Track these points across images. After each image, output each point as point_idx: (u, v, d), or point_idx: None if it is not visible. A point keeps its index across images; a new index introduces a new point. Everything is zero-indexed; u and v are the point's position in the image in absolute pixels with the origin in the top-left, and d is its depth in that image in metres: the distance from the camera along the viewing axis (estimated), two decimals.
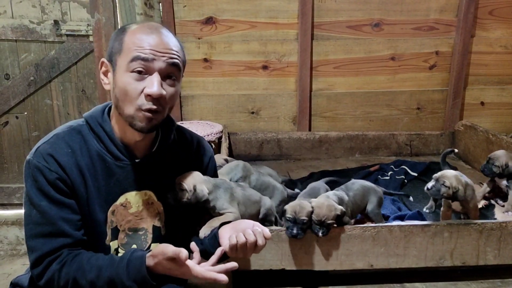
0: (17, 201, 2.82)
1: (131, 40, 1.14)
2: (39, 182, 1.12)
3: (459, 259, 1.67)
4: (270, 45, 2.89)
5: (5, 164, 2.82)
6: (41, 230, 1.13)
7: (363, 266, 1.65)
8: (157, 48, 1.13)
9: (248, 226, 1.20)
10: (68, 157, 1.15)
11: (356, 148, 3.00)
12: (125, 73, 1.13)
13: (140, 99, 1.13)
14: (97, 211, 1.20)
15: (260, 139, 2.95)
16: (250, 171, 1.94)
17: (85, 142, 1.19)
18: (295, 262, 1.62)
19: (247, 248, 1.17)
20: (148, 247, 1.29)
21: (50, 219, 1.12)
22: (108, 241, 1.24)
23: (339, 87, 2.98)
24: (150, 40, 1.13)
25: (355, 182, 1.84)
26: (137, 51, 1.12)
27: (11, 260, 2.59)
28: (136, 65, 1.12)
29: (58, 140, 1.17)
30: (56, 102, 2.79)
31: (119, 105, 1.16)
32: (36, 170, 1.12)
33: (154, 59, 1.12)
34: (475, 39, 2.95)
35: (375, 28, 2.91)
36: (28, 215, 1.14)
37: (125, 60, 1.13)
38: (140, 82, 1.13)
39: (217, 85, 2.92)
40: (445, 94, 3.02)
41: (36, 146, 1.16)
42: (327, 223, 1.54)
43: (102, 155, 1.20)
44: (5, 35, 2.65)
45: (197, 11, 2.81)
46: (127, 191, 1.24)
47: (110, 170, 1.21)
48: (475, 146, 2.77)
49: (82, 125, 1.22)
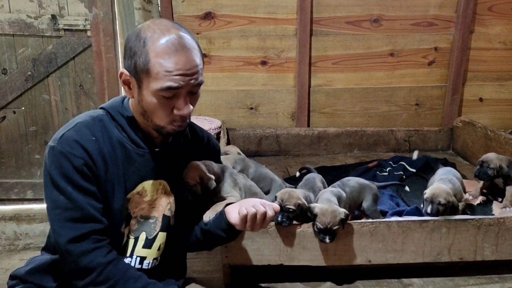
0: (15, 196, 2.82)
1: (158, 61, 1.12)
2: (64, 168, 1.12)
3: (457, 254, 1.67)
4: (269, 40, 2.88)
5: (2, 159, 2.81)
6: (70, 215, 1.13)
7: (361, 261, 1.65)
8: (185, 70, 1.14)
9: (256, 202, 1.24)
10: (93, 144, 1.17)
11: (354, 144, 3.00)
12: (153, 95, 1.15)
13: (171, 116, 1.18)
14: (116, 199, 1.22)
15: (258, 135, 2.95)
16: (248, 163, 1.94)
17: (106, 130, 1.21)
18: (293, 257, 1.62)
19: (257, 219, 1.21)
20: (155, 235, 1.32)
21: (79, 204, 1.13)
22: (123, 228, 1.26)
23: (338, 83, 2.98)
24: (177, 62, 1.13)
25: (351, 179, 1.84)
26: (167, 79, 1.12)
27: (9, 256, 2.58)
28: (167, 94, 1.14)
29: (82, 128, 1.18)
30: (53, 97, 2.78)
31: (148, 116, 1.20)
32: (61, 156, 1.13)
33: (183, 86, 1.15)
34: (474, 35, 2.94)
35: (374, 24, 2.90)
36: (55, 200, 1.13)
37: (154, 85, 1.14)
38: (169, 103, 1.17)
39: (215, 81, 2.91)
40: (444, 90, 3.02)
41: (60, 133, 1.16)
42: (333, 230, 1.53)
43: (123, 143, 1.22)
44: (2, 30, 2.63)
45: (196, 6, 2.79)
46: (145, 180, 1.27)
47: (131, 158, 1.23)
48: (474, 142, 2.77)
49: (103, 114, 1.24)
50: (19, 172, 2.83)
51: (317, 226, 1.54)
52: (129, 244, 1.29)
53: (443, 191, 1.71)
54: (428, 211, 1.69)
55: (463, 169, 2.60)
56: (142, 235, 1.29)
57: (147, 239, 1.30)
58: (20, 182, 2.82)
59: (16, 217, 2.69)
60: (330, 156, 2.97)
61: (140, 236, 1.29)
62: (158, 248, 1.33)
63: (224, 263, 1.62)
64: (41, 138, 2.82)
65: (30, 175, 2.84)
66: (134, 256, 1.29)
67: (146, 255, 1.31)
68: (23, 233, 2.69)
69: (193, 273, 1.77)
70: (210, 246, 1.43)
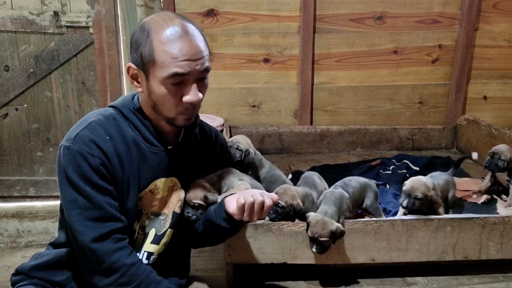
0: (17, 193, 2.82)
1: (163, 49, 1.13)
2: (82, 168, 1.12)
3: (461, 253, 1.66)
4: (272, 38, 2.86)
5: (4, 157, 2.80)
6: (91, 215, 1.13)
7: (364, 260, 1.64)
8: (190, 55, 1.14)
9: (255, 191, 1.25)
10: (108, 143, 1.17)
11: (357, 142, 2.99)
12: (161, 84, 1.15)
13: (180, 105, 1.18)
14: (130, 198, 1.22)
15: (261, 133, 2.93)
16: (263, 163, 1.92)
17: (120, 129, 1.21)
18: (296, 256, 1.61)
19: (255, 209, 1.21)
20: (164, 231, 1.32)
21: (98, 203, 1.13)
22: (135, 225, 1.26)
23: (341, 81, 2.96)
24: (182, 48, 1.13)
25: (352, 179, 1.82)
26: (173, 65, 1.12)
27: (11, 253, 2.59)
28: (174, 81, 1.14)
29: (96, 127, 1.17)
30: (56, 94, 2.77)
31: (158, 108, 1.20)
32: (78, 156, 1.12)
33: (190, 71, 1.14)
34: (478, 33, 2.92)
35: (378, 21, 2.88)
36: (74, 200, 1.13)
37: (160, 73, 1.14)
38: (178, 91, 1.16)
39: (218, 78, 2.90)
40: (448, 88, 3.00)
41: (74, 133, 1.15)
42: (319, 241, 1.51)
43: (137, 141, 1.22)
44: (4, 27, 2.63)
45: (198, 3, 2.78)
46: (158, 178, 1.27)
47: (144, 156, 1.23)
48: (478, 141, 2.75)
49: (114, 113, 1.24)
50: (21, 169, 2.83)
51: (308, 234, 1.53)
52: (139, 240, 1.29)
53: (422, 185, 1.66)
54: (404, 204, 1.66)
55: (467, 168, 2.59)
56: (151, 231, 1.30)
57: (156, 235, 1.31)
58: (22, 180, 2.82)
59: (18, 215, 2.70)
60: (333, 154, 2.95)
61: (150, 232, 1.30)
62: (164, 244, 1.33)
63: (227, 261, 1.61)
64: (43, 136, 2.81)
65: (32, 173, 2.84)
66: (142, 251, 1.30)
67: (154, 251, 1.32)
68: (25, 230, 2.69)
69: (196, 271, 1.76)
70: (214, 239, 1.42)
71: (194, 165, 1.39)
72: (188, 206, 1.35)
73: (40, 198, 2.84)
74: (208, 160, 1.49)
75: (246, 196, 1.22)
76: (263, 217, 1.27)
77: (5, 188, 2.81)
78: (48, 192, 2.82)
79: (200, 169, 1.45)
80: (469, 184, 2.28)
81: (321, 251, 1.52)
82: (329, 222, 1.52)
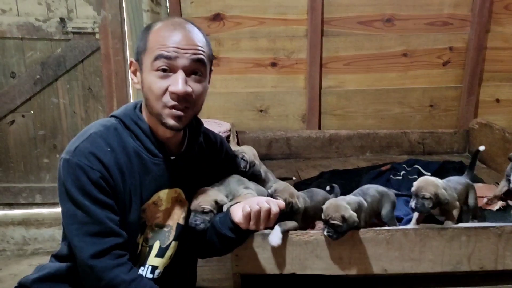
0: (23, 200, 2.81)
1: (155, 38, 1.13)
2: (81, 182, 1.09)
3: (477, 263, 1.60)
4: (279, 41, 2.83)
5: (11, 164, 2.79)
6: (89, 229, 1.10)
7: (376, 270, 1.59)
8: (181, 44, 1.12)
9: (261, 199, 1.21)
10: (109, 156, 1.13)
11: (367, 147, 2.94)
12: (150, 72, 1.13)
13: (165, 96, 1.14)
14: (132, 210, 1.19)
15: (268, 138, 2.90)
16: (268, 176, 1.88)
17: (121, 140, 1.18)
18: (306, 266, 1.57)
19: (261, 217, 1.17)
20: (168, 244, 1.29)
21: (97, 218, 1.10)
22: (139, 238, 1.22)
23: (350, 84, 2.92)
24: (173, 37, 1.12)
25: (370, 187, 1.77)
26: (160, 49, 1.11)
27: (18, 261, 2.57)
28: (160, 64, 1.12)
29: (97, 139, 1.15)
30: (62, 100, 2.76)
31: (148, 103, 1.17)
32: (78, 169, 1.09)
33: (177, 56, 1.12)
34: (490, 35, 2.86)
35: (387, 24, 2.84)
36: (73, 214, 1.10)
37: (149, 59, 1.13)
38: (165, 80, 1.13)
39: (224, 83, 2.87)
40: (459, 91, 2.94)
41: (74, 145, 1.12)
42: (331, 223, 1.47)
43: (139, 152, 1.19)
44: (10, 33, 2.62)
45: (205, 7, 2.76)
46: (161, 189, 1.24)
47: (147, 168, 1.20)
48: (491, 145, 2.68)
49: (116, 123, 1.21)
50: (27, 176, 2.82)
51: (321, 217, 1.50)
52: (143, 253, 1.25)
53: (430, 184, 1.58)
54: (412, 206, 1.58)
55: (481, 173, 2.53)
56: (156, 244, 1.27)
57: (160, 248, 1.27)
58: (29, 187, 2.80)
59: (24, 222, 2.69)
60: (342, 159, 2.91)
61: (154, 245, 1.26)
62: (169, 257, 1.29)
63: (234, 271, 1.57)
64: (49, 142, 2.80)
65: (39, 179, 2.83)
66: (147, 265, 1.26)
67: (158, 264, 1.28)
68: (32, 238, 2.68)
69: (202, 281, 1.73)
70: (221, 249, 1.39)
71: (198, 174, 1.35)
72: (195, 213, 1.30)
73: (46, 205, 2.82)
74: (213, 169, 1.45)
75: (251, 204, 1.19)
76: (270, 225, 1.23)
77: (12, 195, 2.80)
78: (54, 199, 2.80)
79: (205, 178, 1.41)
80: (484, 190, 2.22)
81: (332, 235, 1.47)
82: (343, 206, 1.49)
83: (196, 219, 1.29)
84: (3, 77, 2.68)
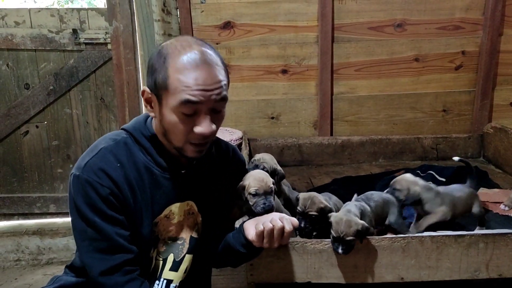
0: (38, 210, 2.83)
1: (177, 77, 1.08)
2: (91, 198, 1.09)
3: (496, 271, 1.57)
4: (290, 48, 2.83)
5: (25, 174, 2.82)
6: (99, 246, 1.10)
7: (392, 279, 1.57)
8: (206, 85, 1.08)
9: (274, 216, 1.19)
10: (119, 171, 1.13)
11: (379, 153, 2.91)
12: (173, 112, 1.10)
13: (190, 135, 1.12)
14: (144, 225, 1.18)
15: (280, 145, 2.89)
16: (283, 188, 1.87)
17: (131, 155, 1.17)
18: (321, 274, 1.55)
19: (274, 235, 1.15)
20: (182, 256, 1.28)
21: (107, 235, 1.09)
22: (152, 252, 1.22)
23: (361, 90, 2.90)
24: (197, 77, 1.07)
25: (374, 193, 1.77)
26: (186, 93, 1.07)
27: (32, 271, 2.59)
28: (186, 109, 1.08)
29: (107, 154, 1.14)
30: (75, 111, 2.79)
31: (168, 136, 1.15)
32: (87, 186, 1.09)
33: (203, 100, 1.08)
34: (503, 38, 2.83)
35: (398, 29, 2.82)
36: (82, 230, 1.10)
37: (173, 100, 1.09)
38: (190, 120, 1.11)
39: (235, 91, 2.87)
40: (473, 95, 2.91)
41: (84, 161, 1.12)
42: (346, 240, 1.46)
43: (149, 167, 1.18)
44: (24, 45, 2.66)
45: (215, 16, 2.77)
46: (173, 203, 1.22)
47: (157, 182, 1.18)
48: (506, 149, 2.65)
49: (126, 137, 1.19)
50: (41, 186, 2.84)
51: (332, 235, 1.48)
52: (157, 266, 1.25)
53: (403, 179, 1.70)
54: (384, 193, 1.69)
55: (496, 178, 2.49)
56: (170, 257, 1.26)
57: (175, 261, 1.26)
58: (43, 197, 2.83)
59: (39, 232, 2.70)
60: (355, 165, 2.88)
61: (168, 258, 1.25)
62: (184, 271, 1.28)
63: (249, 281, 1.56)
64: (63, 152, 2.82)
65: (53, 189, 2.85)
66: (162, 279, 1.25)
67: (173, 278, 1.27)
68: (46, 247, 2.69)
69: None
70: (235, 262, 1.38)
71: (210, 186, 1.34)
72: (254, 196, 1.28)
73: (60, 215, 2.84)
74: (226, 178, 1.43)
75: (265, 222, 1.17)
76: (284, 243, 1.21)
77: (26, 205, 2.82)
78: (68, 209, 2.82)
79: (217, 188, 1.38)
80: (500, 195, 2.19)
81: (346, 251, 1.47)
82: (353, 220, 1.48)
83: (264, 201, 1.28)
84: (18, 88, 2.72)
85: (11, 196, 2.82)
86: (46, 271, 2.55)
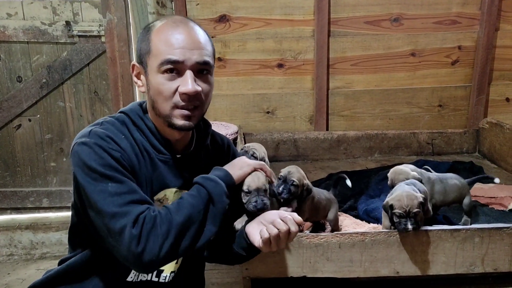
0: (31, 204, 2.80)
1: (158, 39, 1.12)
2: (105, 159, 1.05)
3: (491, 265, 1.58)
4: (286, 42, 2.81)
5: (17, 168, 2.79)
6: (125, 198, 1.03)
7: (388, 273, 1.57)
8: (187, 45, 1.11)
9: (275, 216, 1.16)
10: (125, 142, 1.12)
11: (375, 148, 2.91)
12: (157, 74, 1.12)
13: (175, 97, 1.12)
14: None
15: (276, 140, 2.88)
16: None
17: (130, 133, 1.16)
18: (317, 269, 1.54)
19: (281, 238, 1.13)
20: None
21: (131, 187, 1.06)
22: None
23: (357, 85, 2.89)
24: (178, 37, 1.11)
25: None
26: (167, 53, 1.10)
27: (25, 265, 2.56)
28: (168, 67, 1.10)
29: (109, 126, 1.13)
30: (68, 104, 2.75)
31: (155, 106, 1.15)
32: (98, 148, 1.05)
33: (184, 59, 1.10)
34: (499, 33, 2.83)
35: (394, 23, 2.81)
36: (102, 190, 1.03)
37: (156, 61, 1.11)
38: (174, 81, 1.11)
39: (231, 85, 2.85)
40: (469, 90, 2.91)
41: (87, 130, 1.10)
42: (413, 212, 1.46)
43: (146, 147, 1.17)
44: (16, 37, 2.62)
45: (210, 9, 2.74)
46: (167, 187, 1.21)
47: (154, 163, 1.18)
48: (501, 145, 2.65)
49: (124, 116, 1.19)
50: (34, 180, 2.81)
51: (396, 214, 1.48)
52: None
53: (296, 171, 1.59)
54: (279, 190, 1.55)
55: (492, 173, 2.49)
56: None
57: None
58: (36, 191, 2.80)
59: (32, 226, 2.67)
60: (350, 160, 2.88)
61: None
62: (176, 261, 1.27)
63: (244, 275, 1.55)
64: (56, 146, 2.79)
65: (46, 183, 2.82)
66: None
67: (164, 268, 1.25)
68: (39, 242, 2.67)
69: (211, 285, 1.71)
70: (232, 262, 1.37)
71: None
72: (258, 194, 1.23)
73: (53, 209, 2.81)
74: None
75: (269, 227, 1.13)
76: (290, 241, 1.20)
77: (19, 200, 2.79)
78: (62, 203, 2.80)
79: None
80: (495, 190, 2.19)
81: (417, 226, 1.48)
82: (413, 193, 1.50)
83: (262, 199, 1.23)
84: (10, 81, 2.68)
85: (3, 191, 2.78)
86: (39, 265, 2.52)
